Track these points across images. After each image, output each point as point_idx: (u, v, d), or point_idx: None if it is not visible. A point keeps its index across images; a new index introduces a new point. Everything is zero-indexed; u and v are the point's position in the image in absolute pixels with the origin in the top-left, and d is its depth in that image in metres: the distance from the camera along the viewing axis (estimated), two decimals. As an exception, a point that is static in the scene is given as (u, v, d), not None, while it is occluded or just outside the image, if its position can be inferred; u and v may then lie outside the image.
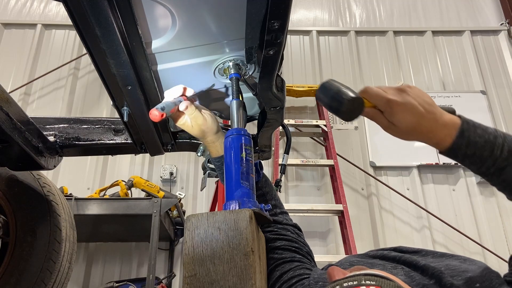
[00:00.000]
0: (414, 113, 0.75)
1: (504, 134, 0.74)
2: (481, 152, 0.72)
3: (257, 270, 0.72)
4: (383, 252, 0.91)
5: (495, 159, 0.72)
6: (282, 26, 0.82)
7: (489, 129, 0.74)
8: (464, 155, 0.74)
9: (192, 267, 0.70)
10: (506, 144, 0.72)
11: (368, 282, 0.54)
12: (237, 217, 0.73)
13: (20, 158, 1.16)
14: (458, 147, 0.74)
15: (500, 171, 0.72)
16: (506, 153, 0.71)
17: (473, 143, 0.73)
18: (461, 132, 0.73)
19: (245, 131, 0.93)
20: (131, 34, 0.86)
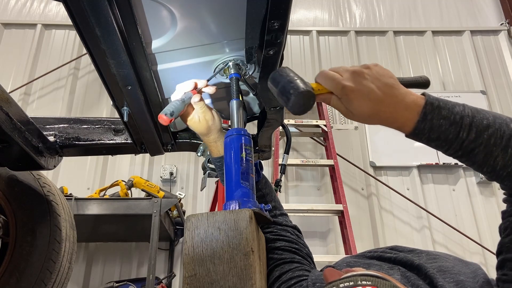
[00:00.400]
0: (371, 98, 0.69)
1: (472, 113, 0.67)
2: (446, 135, 0.67)
3: (257, 270, 0.72)
4: (379, 252, 0.91)
5: (462, 141, 0.66)
6: (282, 26, 0.82)
7: (456, 108, 0.67)
8: (428, 138, 0.69)
9: (192, 267, 0.70)
10: (474, 125, 0.66)
11: (364, 282, 0.55)
12: (237, 217, 0.73)
13: (20, 158, 1.16)
14: (421, 132, 0.68)
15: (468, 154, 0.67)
16: (474, 134, 0.65)
17: (437, 126, 0.67)
18: (424, 116, 0.67)
19: (245, 131, 0.93)
20: (131, 34, 0.86)
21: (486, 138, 0.65)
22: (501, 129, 0.65)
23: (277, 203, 1.06)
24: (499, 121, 0.66)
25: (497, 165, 0.65)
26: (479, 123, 0.65)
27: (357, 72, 0.71)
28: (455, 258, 0.83)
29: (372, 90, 0.69)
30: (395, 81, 0.71)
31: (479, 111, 0.67)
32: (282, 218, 1.03)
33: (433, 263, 0.79)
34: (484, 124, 0.65)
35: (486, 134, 0.65)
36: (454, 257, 0.84)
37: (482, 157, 0.66)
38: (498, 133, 0.64)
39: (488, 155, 0.65)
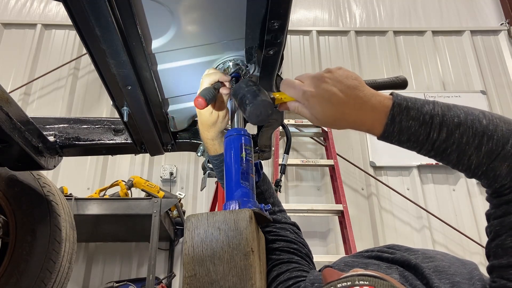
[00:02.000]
0: (333, 102, 0.67)
1: (442, 111, 0.64)
2: (416, 136, 0.64)
3: (257, 270, 0.72)
4: (376, 252, 0.91)
5: (433, 142, 0.64)
6: (282, 26, 0.82)
7: (425, 107, 0.64)
8: (398, 141, 0.66)
9: (192, 267, 0.70)
10: (445, 124, 0.63)
11: (361, 282, 0.55)
12: (237, 217, 0.73)
13: (20, 158, 1.16)
14: (390, 134, 0.66)
15: (441, 154, 0.65)
16: (445, 134, 0.63)
17: (406, 128, 0.64)
18: (392, 118, 0.64)
19: (245, 131, 0.93)
20: (131, 34, 0.86)
21: (457, 137, 0.62)
22: (473, 126, 0.62)
23: (276, 200, 1.05)
24: (471, 118, 0.63)
25: (471, 164, 0.63)
26: (450, 121, 0.63)
27: (318, 77, 0.70)
28: (451, 258, 0.83)
29: (334, 93, 0.67)
30: (360, 83, 0.69)
31: (450, 108, 0.65)
32: (281, 215, 1.02)
33: (429, 263, 0.78)
34: (455, 122, 0.63)
35: (458, 133, 0.62)
36: (450, 257, 0.84)
37: (455, 156, 0.64)
38: (470, 131, 0.62)
39: (462, 154, 0.63)
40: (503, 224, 0.63)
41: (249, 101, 0.74)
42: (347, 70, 0.71)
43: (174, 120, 1.22)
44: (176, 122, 1.24)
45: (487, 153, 0.62)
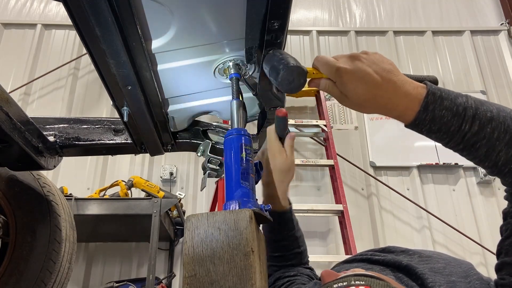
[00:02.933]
0: (367, 81, 0.65)
1: (476, 104, 0.63)
2: (447, 127, 0.63)
3: (257, 270, 0.72)
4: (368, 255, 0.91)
5: (464, 134, 0.62)
6: (282, 26, 0.82)
7: (459, 98, 0.63)
8: (429, 130, 0.65)
9: (192, 267, 0.70)
10: (477, 117, 0.62)
11: (357, 282, 0.55)
12: (237, 217, 0.73)
13: (20, 158, 1.16)
14: (422, 122, 0.64)
15: (470, 148, 0.64)
16: (477, 127, 0.62)
17: (439, 117, 0.63)
18: (425, 105, 0.63)
19: (245, 131, 0.93)
20: (131, 34, 0.86)
21: (489, 132, 0.61)
22: (505, 122, 0.61)
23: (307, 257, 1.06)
24: (503, 114, 0.62)
25: (499, 160, 0.62)
26: (483, 115, 0.62)
27: (354, 55, 0.68)
28: (447, 257, 0.83)
29: (368, 73, 0.65)
30: (395, 68, 0.67)
31: (482, 103, 0.64)
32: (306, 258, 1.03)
33: (424, 264, 0.78)
34: (487, 117, 0.62)
35: (490, 128, 0.61)
36: (446, 256, 0.83)
37: (484, 151, 0.63)
38: (502, 127, 0.61)
39: (491, 150, 0.62)
40: None
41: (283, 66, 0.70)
42: (383, 56, 0.69)
43: (174, 120, 1.22)
44: (176, 122, 1.24)
45: None
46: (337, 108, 4.17)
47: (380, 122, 4.13)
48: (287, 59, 0.72)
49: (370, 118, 4.17)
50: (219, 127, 1.35)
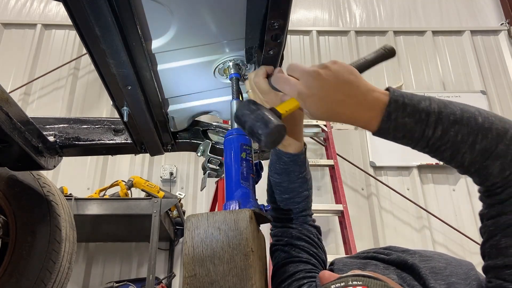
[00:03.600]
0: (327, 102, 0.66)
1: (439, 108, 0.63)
2: (411, 134, 0.64)
3: (257, 270, 0.72)
4: (372, 253, 0.91)
5: (428, 139, 0.63)
6: (282, 26, 0.82)
7: (421, 104, 0.63)
8: (394, 137, 0.66)
9: (192, 267, 0.70)
10: (440, 122, 0.62)
11: (355, 282, 0.56)
12: (237, 217, 0.73)
13: (20, 158, 1.16)
14: (385, 131, 0.65)
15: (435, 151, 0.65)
16: (440, 132, 0.62)
17: (402, 125, 0.63)
18: (388, 115, 0.63)
19: (245, 131, 0.92)
20: (131, 34, 0.85)
21: (452, 135, 0.62)
22: (469, 124, 0.62)
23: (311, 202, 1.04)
24: (467, 115, 0.63)
25: (464, 161, 0.63)
26: (446, 119, 0.62)
27: (312, 75, 0.68)
28: (448, 258, 0.83)
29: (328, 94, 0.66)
30: (356, 77, 0.68)
31: (446, 106, 0.64)
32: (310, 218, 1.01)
33: (426, 264, 0.79)
34: (451, 120, 0.62)
35: (453, 131, 0.62)
36: (447, 257, 0.84)
37: (449, 154, 0.64)
38: (465, 129, 0.62)
39: (455, 152, 0.63)
40: (497, 224, 0.63)
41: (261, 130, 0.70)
42: (342, 65, 0.70)
43: (174, 120, 1.22)
44: (176, 122, 1.24)
45: (481, 152, 0.62)
46: (337, 108, 4.16)
47: (380, 122, 4.13)
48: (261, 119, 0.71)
49: (370, 118, 4.17)
50: (219, 127, 1.35)
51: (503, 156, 0.61)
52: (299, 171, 0.95)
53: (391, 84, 4.40)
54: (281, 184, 0.97)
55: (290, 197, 0.97)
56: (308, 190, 0.99)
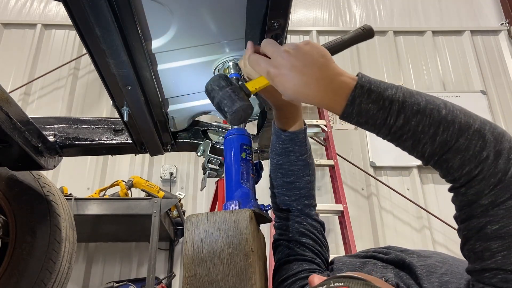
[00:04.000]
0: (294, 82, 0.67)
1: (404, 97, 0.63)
2: (374, 120, 0.64)
3: (257, 270, 0.72)
4: (371, 252, 0.91)
5: (390, 127, 0.63)
6: (282, 26, 0.82)
7: (387, 91, 0.64)
8: (357, 122, 0.66)
9: (192, 267, 0.70)
10: (403, 111, 0.62)
11: (336, 284, 0.56)
12: (237, 217, 0.73)
13: (20, 158, 1.16)
14: (349, 115, 0.65)
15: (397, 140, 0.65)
16: (402, 121, 0.62)
17: (365, 111, 0.64)
18: (352, 99, 0.64)
19: (245, 131, 0.93)
20: (131, 34, 0.85)
21: (414, 125, 0.62)
22: (432, 115, 0.62)
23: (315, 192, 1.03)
24: (431, 107, 0.62)
25: (425, 152, 0.63)
26: (409, 108, 0.62)
27: (283, 55, 0.69)
28: (446, 257, 0.83)
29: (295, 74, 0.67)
30: (326, 60, 0.68)
31: (412, 95, 0.64)
32: (314, 211, 1.00)
33: (423, 263, 0.79)
34: (413, 110, 0.62)
35: (414, 121, 0.62)
36: (445, 256, 0.84)
37: (410, 143, 0.64)
38: (427, 120, 0.62)
39: (416, 142, 0.63)
40: (468, 228, 0.62)
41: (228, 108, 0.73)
42: (314, 46, 0.70)
43: (174, 120, 1.22)
44: (176, 122, 1.24)
45: (441, 144, 0.61)
46: (337, 108, 4.17)
47: (380, 122, 4.13)
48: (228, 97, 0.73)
49: (370, 118, 4.17)
50: (219, 127, 1.35)
51: (463, 151, 0.60)
52: (299, 152, 0.94)
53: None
54: (281, 166, 0.96)
55: (291, 181, 0.96)
56: (310, 176, 0.97)
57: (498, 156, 0.59)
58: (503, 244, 0.57)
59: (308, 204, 0.98)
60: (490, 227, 0.58)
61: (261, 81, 0.76)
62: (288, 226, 0.95)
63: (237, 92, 0.75)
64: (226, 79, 0.78)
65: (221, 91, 0.75)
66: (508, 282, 0.56)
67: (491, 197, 0.59)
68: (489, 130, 0.61)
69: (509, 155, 0.59)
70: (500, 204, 0.58)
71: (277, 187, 0.99)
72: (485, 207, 0.59)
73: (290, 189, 0.96)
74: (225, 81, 0.77)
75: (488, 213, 0.59)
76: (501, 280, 0.56)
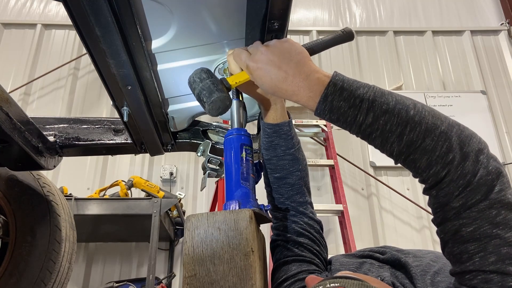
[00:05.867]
0: (271, 77, 0.71)
1: (374, 96, 0.64)
2: (345, 118, 0.66)
3: (257, 270, 0.72)
4: (367, 251, 0.91)
5: (359, 125, 0.65)
6: (282, 26, 0.82)
7: (359, 90, 0.65)
8: (329, 119, 0.68)
9: (192, 267, 0.70)
10: (372, 109, 0.64)
11: (332, 284, 0.57)
12: (237, 217, 0.73)
13: (20, 158, 1.16)
14: (322, 112, 0.68)
15: (367, 137, 0.67)
16: (371, 119, 0.64)
17: (336, 108, 0.66)
18: (325, 96, 0.66)
19: (245, 131, 0.93)
20: (131, 34, 0.85)
21: (382, 124, 0.63)
22: (400, 115, 0.63)
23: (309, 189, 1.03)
24: (399, 107, 0.64)
25: (393, 151, 0.65)
26: (378, 107, 0.64)
27: (262, 50, 0.73)
28: (440, 256, 0.83)
29: (272, 69, 0.71)
30: (303, 57, 0.72)
31: (383, 95, 0.65)
32: (310, 208, 0.99)
33: (418, 263, 0.79)
34: (382, 109, 0.64)
35: (383, 120, 0.63)
36: (438, 255, 0.84)
37: (379, 141, 0.65)
38: (395, 120, 0.63)
39: (385, 141, 0.64)
40: (444, 231, 0.62)
41: (206, 98, 0.77)
42: (292, 44, 0.74)
43: (174, 120, 1.22)
44: (176, 122, 1.24)
45: (407, 143, 0.62)
46: (337, 108, 4.17)
47: (380, 122, 4.13)
48: (207, 88, 0.78)
49: (370, 118, 4.17)
50: (219, 127, 1.35)
51: (430, 151, 0.61)
52: (286, 146, 0.94)
53: (391, 84, 4.40)
54: (270, 161, 0.96)
55: (281, 177, 0.95)
56: (301, 171, 0.97)
57: (465, 158, 0.60)
58: (479, 245, 0.57)
59: (303, 201, 0.97)
60: (464, 229, 0.59)
61: (242, 76, 0.81)
62: (285, 227, 0.95)
63: (216, 84, 0.79)
64: (208, 72, 0.82)
65: (201, 83, 0.79)
66: (488, 282, 0.56)
67: (462, 199, 0.59)
68: (456, 132, 0.62)
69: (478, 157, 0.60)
70: (472, 206, 0.58)
71: (269, 185, 0.98)
72: (457, 210, 0.59)
73: (282, 186, 0.96)
74: (206, 74, 0.81)
75: (461, 215, 0.59)
76: (481, 281, 0.57)
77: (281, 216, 0.97)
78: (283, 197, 0.97)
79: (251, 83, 0.85)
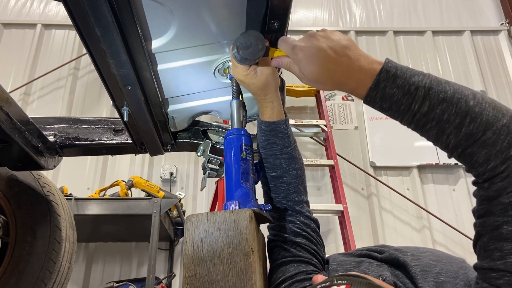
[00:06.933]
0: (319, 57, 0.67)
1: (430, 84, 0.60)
2: (398, 106, 0.62)
3: (257, 270, 0.72)
4: (365, 251, 0.91)
5: (414, 114, 0.61)
6: (282, 26, 0.82)
7: (414, 77, 0.61)
8: (380, 107, 0.64)
9: (192, 267, 0.70)
10: (428, 97, 0.60)
11: (339, 282, 0.57)
12: (237, 217, 0.73)
13: (20, 158, 1.16)
14: (372, 99, 0.64)
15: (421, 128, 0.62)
16: (426, 108, 0.60)
17: (389, 95, 0.62)
18: (377, 83, 0.62)
19: (245, 131, 0.93)
20: (131, 34, 0.86)
21: (439, 113, 0.60)
22: (458, 105, 0.59)
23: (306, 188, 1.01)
24: (458, 96, 0.60)
25: (449, 143, 0.61)
26: (435, 96, 0.60)
27: (311, 34, 0.72)
28: (440, 254, 0.82)
29: (322, 48, 0.67)
30: (352, 43, 0.68)
31: (440, 83, 0.61)
32: (306, 207, 0.98)
33: (417, 262, 0.78)
34: (439, 98, 0.60)
35: (439, 109, 0.59)
36: (439, 253, 0.83)
37: (434, 133, 0.62)
38: (453, 109, 0.59)
39: (441, 132, 0.61)
40: (484, 225, 0.61)
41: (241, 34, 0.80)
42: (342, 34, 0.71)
43: (174, 120, 1.22)
44: (176, 122, 1.24)
45: (466, 135, 0.59)
46: (337, 108, 4.18)
47: (380, 122, 4.13)
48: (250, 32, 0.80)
49: (370, 118, 4.17)
50: (219, 127, 1.35)
51: (490, 145, 0.58)
52: (282, 144, 0.94)
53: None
54: (267, 160, 0.95)
55: (277, 176, 0.95)
56: (297, 170, 0.96)
57: None
58: None
59: (299, 200, 0.96)
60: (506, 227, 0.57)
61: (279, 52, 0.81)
62: (282, 227, 0.94)
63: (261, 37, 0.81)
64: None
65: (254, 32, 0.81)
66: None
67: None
68: None
69: None
70: None
71: (266, 184, 0.98)
72: (505, 206, 0.57)
73: (278, 185, 0.95)
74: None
75: (507, 213, 0.57)
76: (507, 283, 0.55)
77: (277, 216, 0.96)
78: (280, 196, 0.96)
79: (251, 77, 0.85)
